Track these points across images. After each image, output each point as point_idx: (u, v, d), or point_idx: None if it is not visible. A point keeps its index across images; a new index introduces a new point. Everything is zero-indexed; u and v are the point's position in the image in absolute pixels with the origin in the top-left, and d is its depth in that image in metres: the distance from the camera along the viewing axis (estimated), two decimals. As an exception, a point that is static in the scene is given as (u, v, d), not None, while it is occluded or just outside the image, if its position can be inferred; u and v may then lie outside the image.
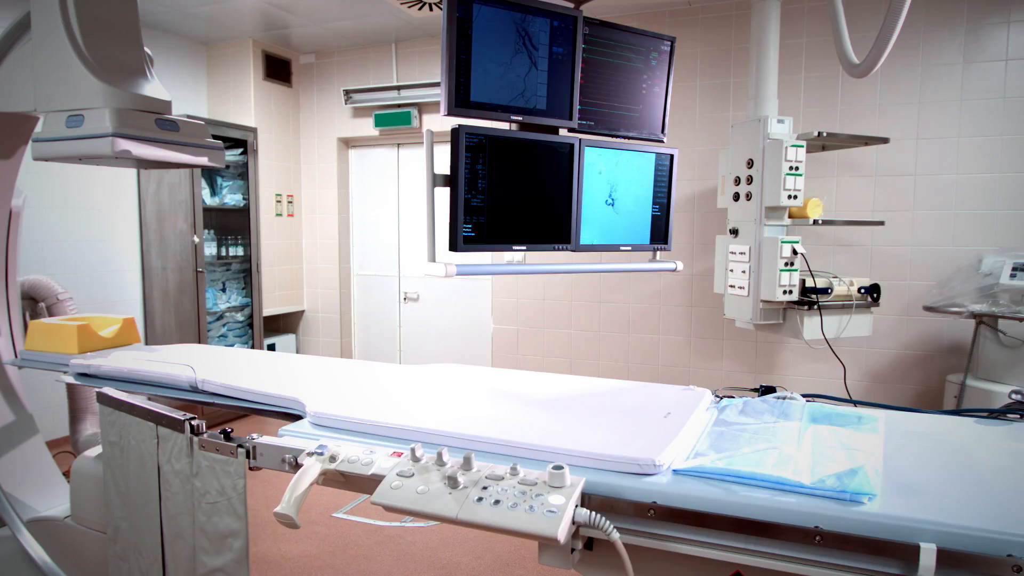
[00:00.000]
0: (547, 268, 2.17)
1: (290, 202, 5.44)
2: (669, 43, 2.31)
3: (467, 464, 1.24)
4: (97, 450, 2.18)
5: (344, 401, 1.69)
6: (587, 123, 2.14)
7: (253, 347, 5.05)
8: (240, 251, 5.00)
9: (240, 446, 1.50)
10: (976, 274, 3.49)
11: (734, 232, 3.62)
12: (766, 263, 3.43)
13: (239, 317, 5.03)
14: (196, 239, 4.51)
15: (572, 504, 1.14)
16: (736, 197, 3.59)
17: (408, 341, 5.53)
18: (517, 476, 1.21)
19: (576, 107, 2.09)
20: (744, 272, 3.54)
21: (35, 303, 2.85)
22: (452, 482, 1.20)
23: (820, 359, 4.13)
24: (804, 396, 1.65)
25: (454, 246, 1.95)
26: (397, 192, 5.45)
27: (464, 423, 1.49)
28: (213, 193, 4.84)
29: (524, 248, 2.04)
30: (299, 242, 5.58)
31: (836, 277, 3.52)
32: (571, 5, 2.09)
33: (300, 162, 5.54)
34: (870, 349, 4.06)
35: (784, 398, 1.66)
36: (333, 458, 1.33)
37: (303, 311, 5.66)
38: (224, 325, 4.93)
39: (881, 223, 3.71)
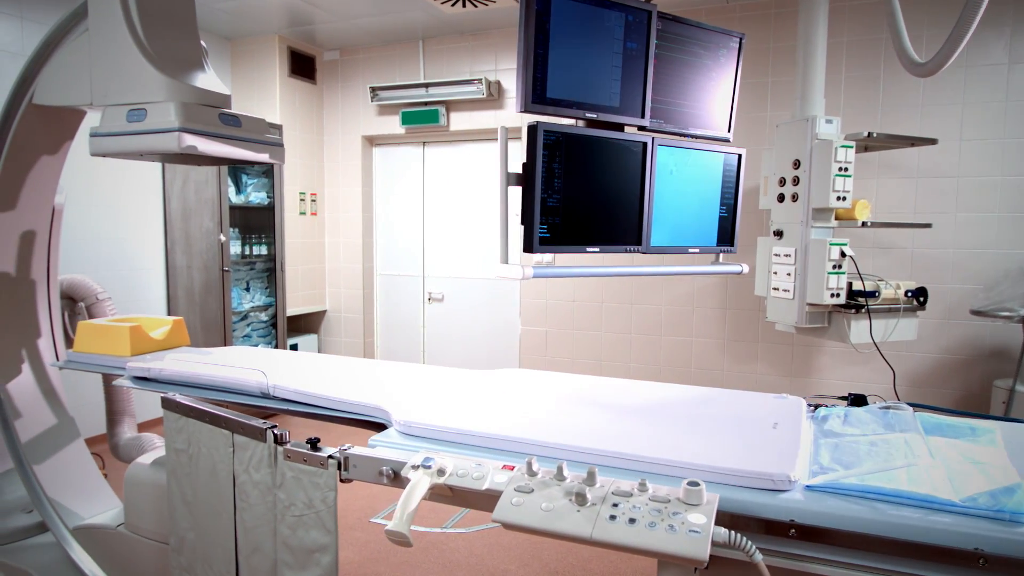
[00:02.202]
0: (621, 271, 2.10)
1: (313, 200, 5.36)
2: (738, 39, 2.26)
3: (591, 479, 1.18)
4: (151, 456, 2.11)
5: (427, 409, 1.61)
6: (656, 121, 2.08)
7: (277, 347, 4.98)
8: (264, 250, 4.92)
9: (331, 457, 1.43)
10: (1025, 278, 3.44)
11: (778, 234, 3.55)
12: (813, 265, 3.37)
13: (263, 317, 4.95)
14: (222, 238, 4.43)
15: (712, 523, 1.08)
16: (781, 198, 3.52)
17: (432, 342, 5.46)
18: (647, 492, 1.15)
19: (649, 104, 2.03)
20: (789, 274, 3.47)
21: (74, 303, 2.78)
22: (580, 498, 1.13)
23: (858, 363, 4.07)
24: (911, 406, 1.58)
25: (529, 247, 1.88)
26: (422, 191, 5.38)
27: (570, 434, 1.42)
28: (238, 191, 4.76)
29: (597, 250, 1.98)
30: (322, 241, 5.51)
31: (882, 280, 3.46)
32: (643, -1, 2.02)
33: (323, 160, 5.46)
34: (910, 353, 4.00)
35: (889, 408, 1.59)
36: (441, 471, 1.26)
37: (325, 311, 5.59)
38: (248, 325, 4.85)
39: (928, 225, 3.65)
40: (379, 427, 1.69)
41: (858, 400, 1.80)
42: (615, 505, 1.12)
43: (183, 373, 1.93)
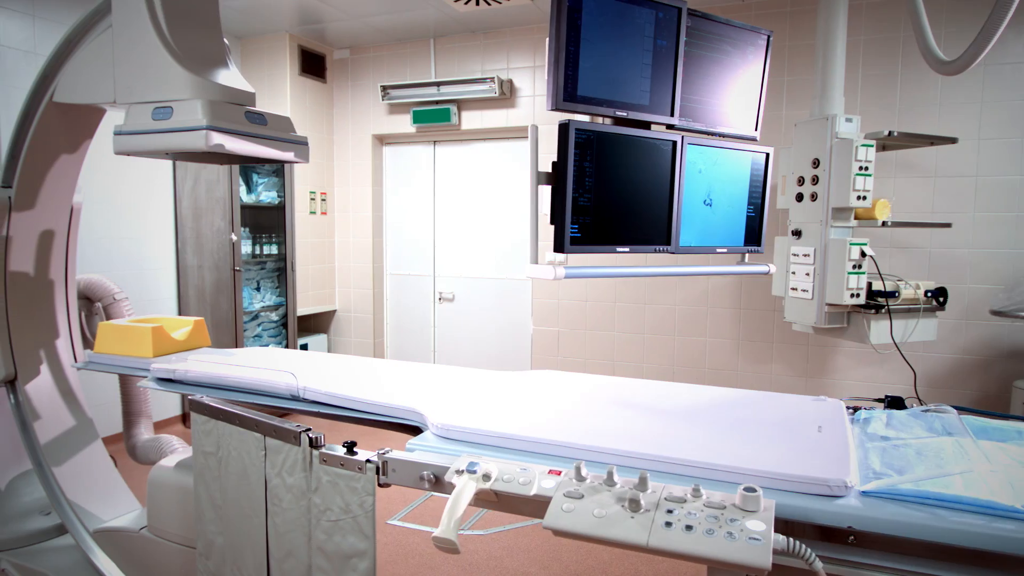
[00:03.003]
0: (650, 271, 2.07)
1: (323, 200, 5.34)
2: (766, 37, 2.24)
3: (643, 484, 1.15)
4: (174, 459, 2.09)
5: (464, 412, 1.59)
6: (684, 119, 2.06)
7: (287, 347, 4.95)
8: (274, 249, 4.90)
9: (368, 461, 1.40)
10: (1046, 278, 3.41)
11: (797, 233, 3.53)
12: (832, 265, 3.35)
13: (273, 317, 4.93)
14: (234, 237, 4.40)
15: (772, 530, 1.05)
16: (799, 198, 3.50)
17: (443, 342, 5.44)
18: (700, 498, 1.12)
19: (678, 103, 2.00)
20: (808, 274, 3.45)
21: (91, 303, 2.75)
22: (633, 505, 1.11)
23: (874, 363, 4.05)
24: (956, 409, 1.56)
25: (560, 247, 1.85)
26: (433, 190, 5.35)
27: (613, 438, 1.39)
28: (249, 190, 4.74)
29: (627, 250, 1.95)
30: (332, 240, 5.48)
31: (902, 280, 3.43)
32: (673, -5, 2.00)
33: (333, 159, 5.43)
34: (926, 353, 3.98)
35: (929, 411, 1.57)
36: (487, 476, 1.24)
37: (335, 311, 5.56)
38: (259, 325, 4.83)
39: (948, 225, 3.63)
40: (409, 429, 1.66)
41: (895, 402, 1.78)
42: (669, 511, 1.10)
43: (210, 375, 1.90)
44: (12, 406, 2.34)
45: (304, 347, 5.24)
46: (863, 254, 3.28)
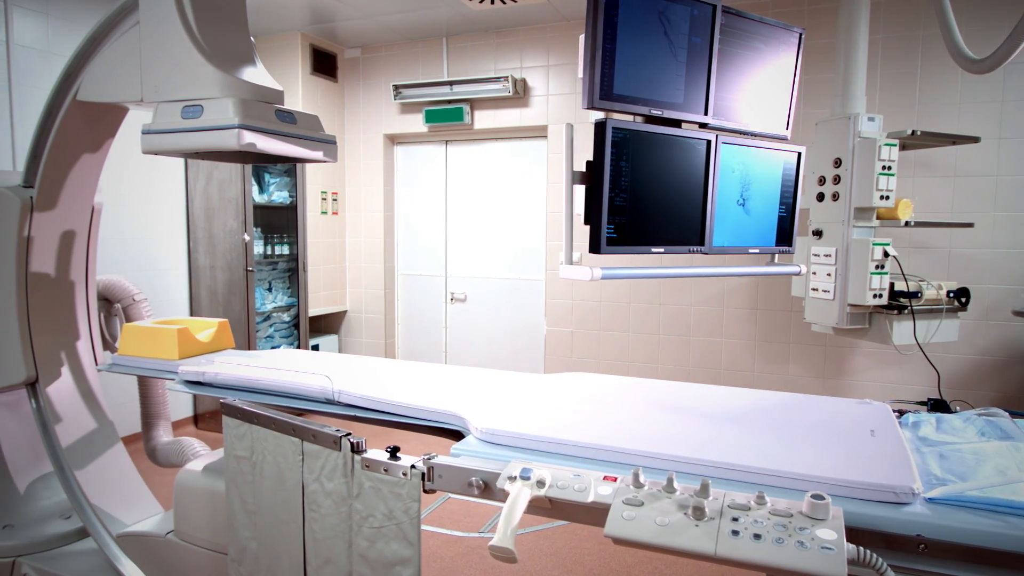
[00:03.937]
0: (685, 272, 2.04)
1: (335, 200, 5.30)
2: (798, 35, 2.22)
3: (704, 491, 1.12)
4: (201, 463, 2.05)
5: (508, 416, 1.56)
6: (717, 118, 2.04)
7: (299, 348, 4.92)
8: (286, 250, 4.87)
9: (413, 467, 1.37)
10: (1070, 278, 3.38)
11: (818, 233, 3.50)
12: (854, 265, 3.32)
13: (285, 317, 4.90)
14: (247, 237, 4.37)
15: (844, 539, 1.02)
16: (820, 197, 3.47)
17: (454, 343, 5.40)
18: (765, 506, 1.09)
19: (712, 101, 1.98)
20: (829, 275, 3.42)
21: (110, 304, 2.72)
22: (697, 512, 1.08)
23: (893, 364, 4.02)
24: (1010, 413, 1.53)
25: (596, 248, 1.82)
26: (445, 190, 5.32)
27: (665, 443, 1.36)
28: (261, 190, 4.71)
29: (662, 250, 1.93)
30: (343, 240, 5.45)
31: (924, 280, 3.41)
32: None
33: (345, 159, 5.40)
34: (945, 354, 3.95)
35: (982, 415, 1.54)
36: (541, 483, 1.21)
37: (346, 311, 5.53)
38: (271, 326, 4.80)
39: (970, 225, 3.60)
40: (441, 432, 1.63)
41: (938, 405, 1.75)
42: (735, 519, 1.07)
43: (240, 377, 1.87)
44: (33, 409, 2.31)
45: (315, 348, 5.21)
46: (886, 254, 3.25)
